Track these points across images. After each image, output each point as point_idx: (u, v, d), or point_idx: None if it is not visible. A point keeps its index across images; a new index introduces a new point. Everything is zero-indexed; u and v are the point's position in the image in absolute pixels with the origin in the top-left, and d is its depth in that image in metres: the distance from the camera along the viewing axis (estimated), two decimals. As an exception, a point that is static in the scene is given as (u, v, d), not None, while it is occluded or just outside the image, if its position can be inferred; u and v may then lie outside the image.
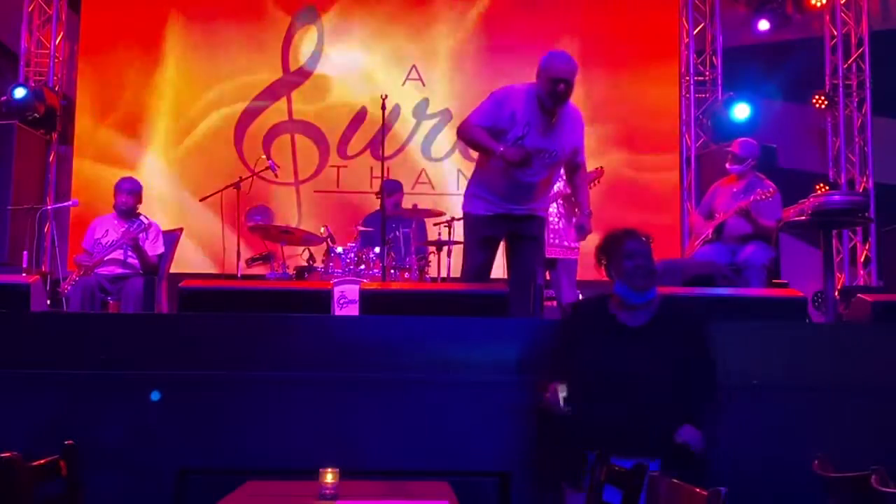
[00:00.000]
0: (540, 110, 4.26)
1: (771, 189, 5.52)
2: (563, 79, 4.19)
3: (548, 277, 5.83)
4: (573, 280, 5.86)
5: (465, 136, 4.48)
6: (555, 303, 5.94)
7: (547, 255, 5.58)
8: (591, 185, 5.82)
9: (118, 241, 5.80)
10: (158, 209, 7.74)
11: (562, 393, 3.00)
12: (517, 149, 4.19)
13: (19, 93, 7.97)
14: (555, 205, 5.73)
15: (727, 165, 5.79)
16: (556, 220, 5.73)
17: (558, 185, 5.77)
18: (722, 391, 3.14)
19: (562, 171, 4.70)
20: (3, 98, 7.96)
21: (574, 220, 4.70)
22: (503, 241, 4.54)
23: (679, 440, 2.96)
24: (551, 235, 5.69)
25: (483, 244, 4.48)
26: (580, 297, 6.13)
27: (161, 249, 6.00)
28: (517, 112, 4.26)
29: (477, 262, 4.47)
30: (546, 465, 3.27)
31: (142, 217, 5.86)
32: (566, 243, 5.77)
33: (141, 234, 5.78)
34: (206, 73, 8.57)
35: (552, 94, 4.20)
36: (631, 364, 3.06)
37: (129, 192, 6.03)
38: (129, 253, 5.83)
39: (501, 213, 4.42)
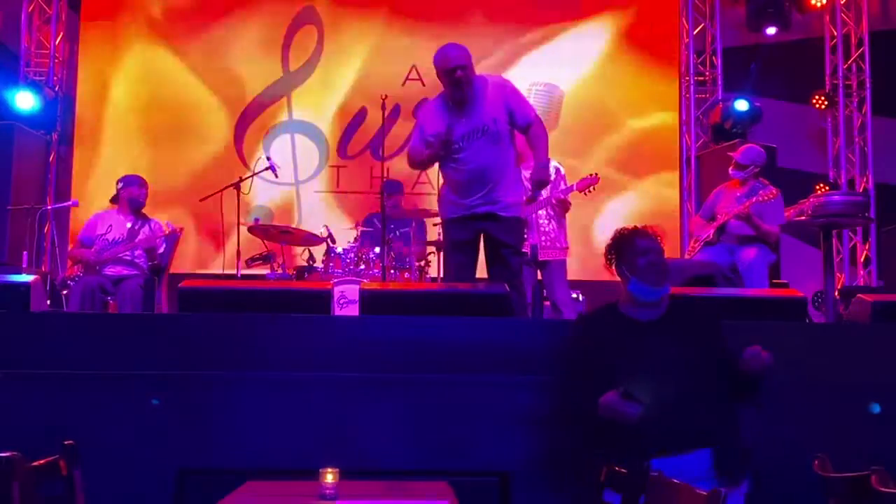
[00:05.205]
0: (452, 103, 4.49)
1: (773, 192, 5.53)
2: (457, 66, 4.38)
3: (539, 278, 5.86)
4: (565, 278, 5.92)
5: (414, 161, 4.73)
6: (548, 303, 5.98)
7: (540, 258, 5.63)
8: (587, 191, 5.81)
9: (125, 239, 5.85)
10: (158, 208, 7.73)
11: (623, 395, 2.86)
12: (438, 134, 4.45)
13: (26, 102, 7.93)
14: (543, 211, 5.76)
15: (730, 171, 5.81)
16: (547, 222, 5.77)
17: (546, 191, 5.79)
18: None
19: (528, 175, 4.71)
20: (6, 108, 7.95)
21: (529, 173, 4.70)
22: (483, 248, 4.63)
23: (749, 355, 2.93)
24: (543, 238, 5.73)
25: (456, 247, 4.64)
26: (574, 295, 6.19)
27: (162, 246, 6.01)
28: (431, 119, 4.55)
29: (454, 265, 4.62)
30: (560, 464, 3.24)
31: (155, 219, 6.02)
32: (558, 245, 5.83)
33: (157, 240, 5.89)
34: (205, 73, 8.57)
35: (454, 83, 4.41)
36: (654, 356, 2.99)
37: (141, 186, 6.10)
38: (137, 252, 5.85)
39: (465, 215, 4.56)
